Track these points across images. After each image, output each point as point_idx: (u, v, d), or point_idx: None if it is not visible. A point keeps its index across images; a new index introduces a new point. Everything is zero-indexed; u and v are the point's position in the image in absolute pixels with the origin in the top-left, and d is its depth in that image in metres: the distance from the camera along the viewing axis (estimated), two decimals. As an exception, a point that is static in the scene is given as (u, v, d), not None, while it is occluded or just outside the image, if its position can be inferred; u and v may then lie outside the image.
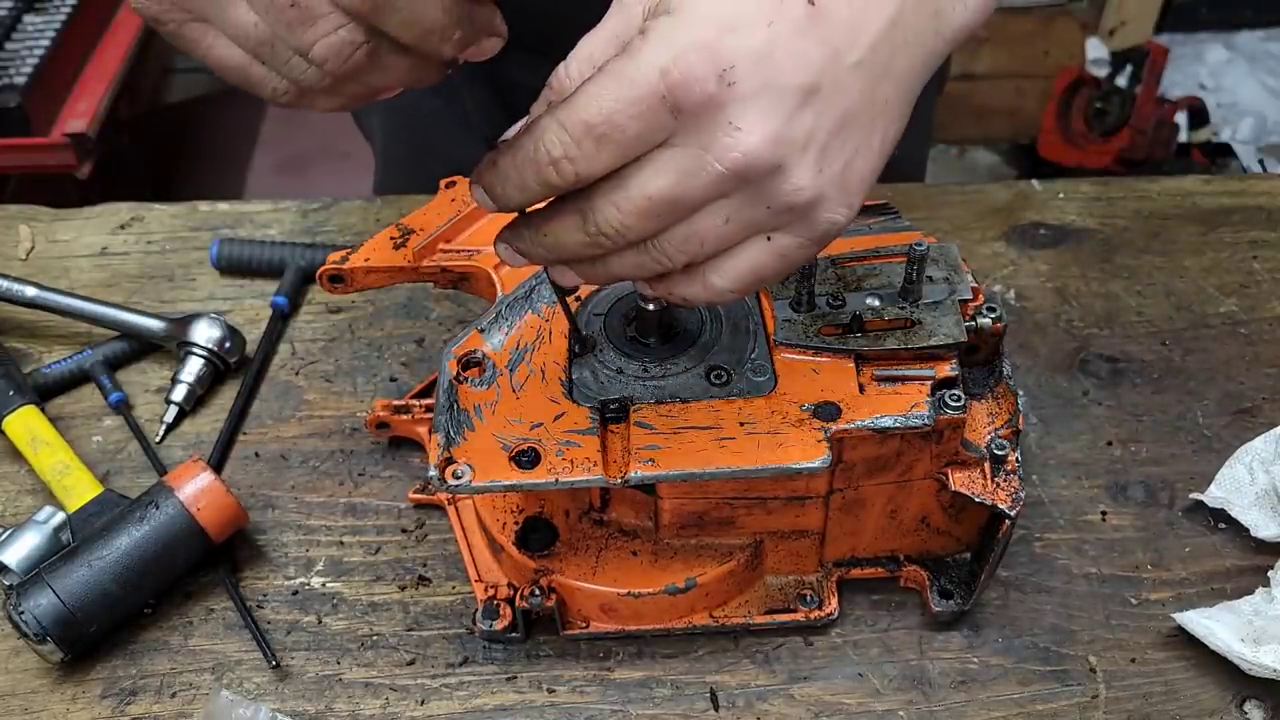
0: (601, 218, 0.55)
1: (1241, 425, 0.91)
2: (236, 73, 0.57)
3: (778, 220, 0.55)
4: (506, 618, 0.77)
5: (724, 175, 0.53)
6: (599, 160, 0.53)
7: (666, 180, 0.53)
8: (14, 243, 1.10)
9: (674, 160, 0.53)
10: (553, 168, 0.54)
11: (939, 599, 0.77)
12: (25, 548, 0.79)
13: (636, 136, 0.52)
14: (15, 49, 1.84)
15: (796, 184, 0.53)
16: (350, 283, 0.80)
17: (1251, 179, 1.19)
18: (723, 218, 0.55)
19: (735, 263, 0.57)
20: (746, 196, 0.54)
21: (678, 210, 0.55)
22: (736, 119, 0.52)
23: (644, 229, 0.55)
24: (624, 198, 0.54)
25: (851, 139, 0.55)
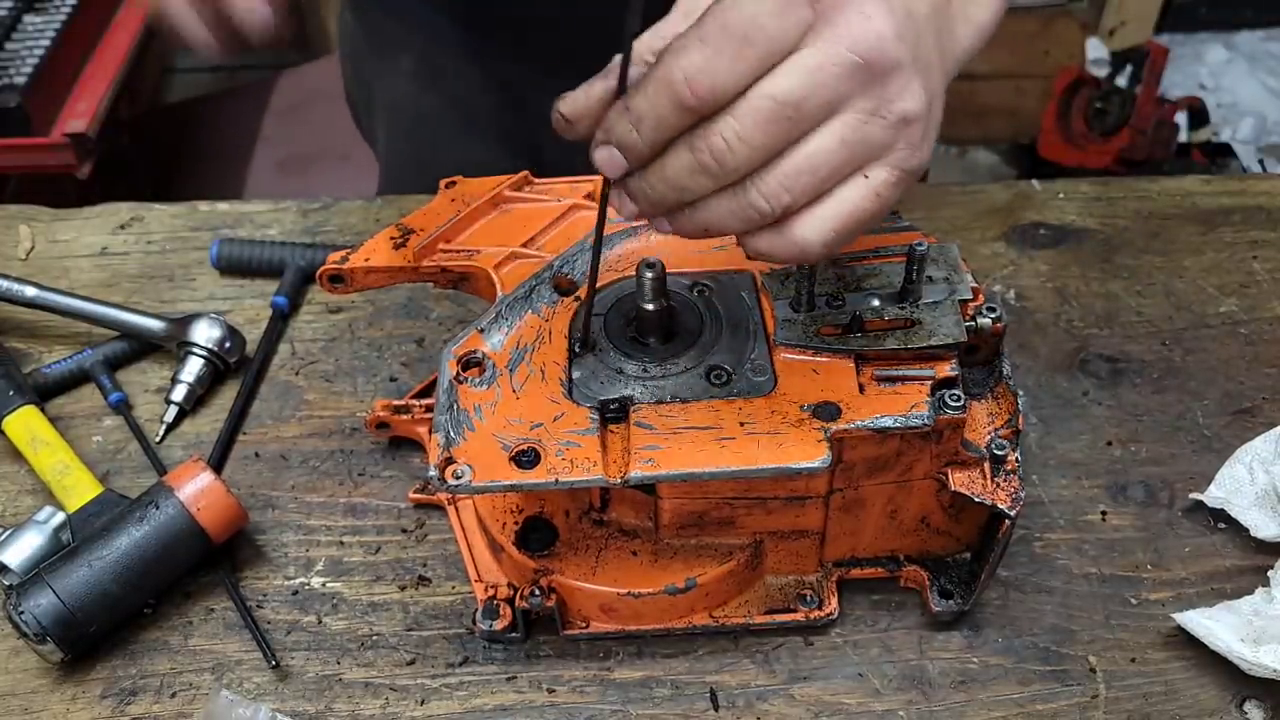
0: (715, 129, 0.55)
1: (1241, 425, 0.91)
2: None
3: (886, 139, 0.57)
4: (506, 618, 0.77)
5: (855, 65, 0.54)
6: (737, 67, 0.54)
7: (795, 80, 0.54)
8: (14, 243, 1.10)
9: (804, 59, 0.55)
10: (688, 86, 0.54)
11: (939, 599, 0.77)
12: (25, 548, 0.79)
13: (776, 36, 0.54)
14: (15, 49, 1.84)
15: (912, 89, 0.56)
16: (350, 283, 0.80)
17: (1251, 179, 1.19)
18: (838, 137, 0.56)
19: (831, 208, 0.58)
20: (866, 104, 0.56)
21: (799, 119, 0.55)
22: (866, 9, 0.54)
23: (759, 142, 0.55)
24: (746, 107, 0.55)
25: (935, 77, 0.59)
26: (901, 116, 0.57)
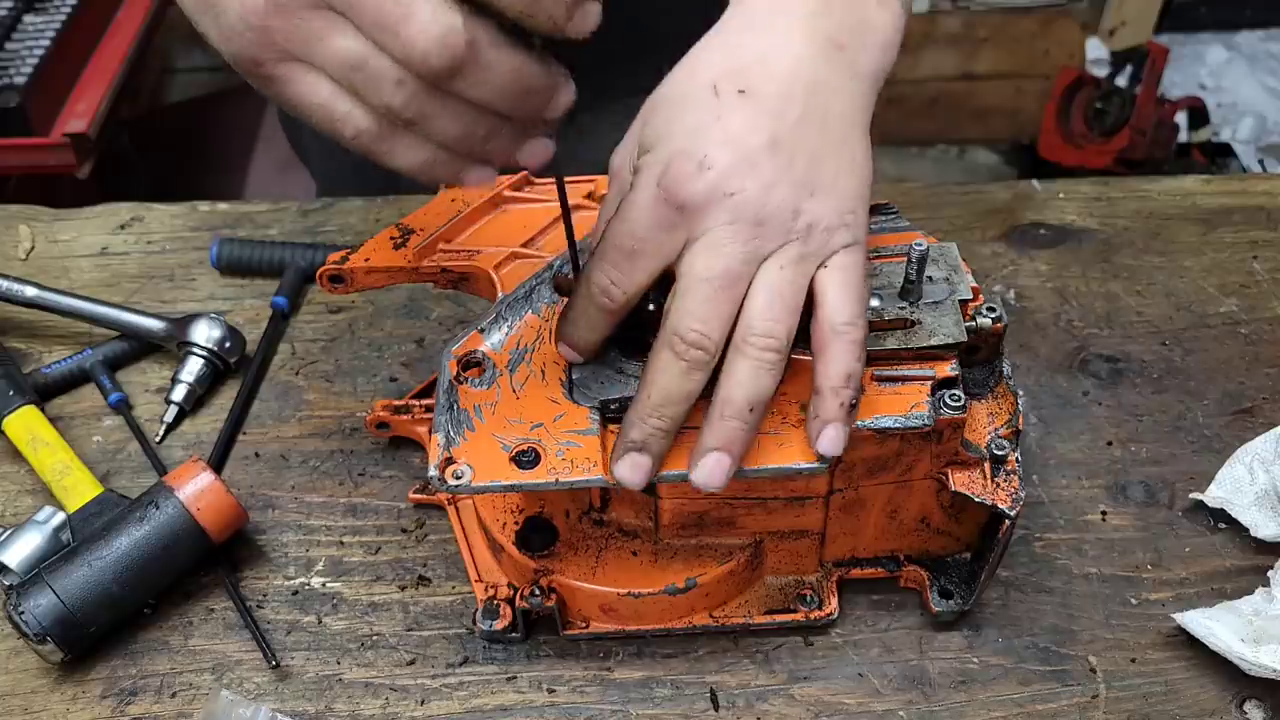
0: (682, 328, 0.62)
1: (1241, 425, 0.91)
2: (321, 110, 0.57)
3: (812, 245, 0.64)
4: (506, 618, 0.77)
5: (745, 229, 0.62)
6: (637, 273, 0.64)
7: (705, 259, 0.62)
8: (14, 243, 1.10)
9: (703, 244, 0.62)
10: (605, 295, 0.64)
11: (939, 599, 0.77)
12: (25, 548, 0.79)
13: (660, 242, 0.62)
14: (15, 49, 1.84)
15: (812, 211, 0.63)
16: (350, 283, 0.80)
17: (1251, 179, 1.19)
18: (776, 267, 0.63)
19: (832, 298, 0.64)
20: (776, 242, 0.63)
21: (733, 282, 0.62)
22: (728, 188, 0.62)
23: (719, 314, 0.62)
24: (686, 297, 0.62)
25: (827, 167, 0.64)
26: (807, 228, 0.63)
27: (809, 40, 0.65)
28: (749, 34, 0.66)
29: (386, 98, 0.55)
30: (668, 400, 0.64)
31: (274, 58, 0.56)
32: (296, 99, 0.57)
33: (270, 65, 0.56)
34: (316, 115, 0.57)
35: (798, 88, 0.64)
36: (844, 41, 0.67)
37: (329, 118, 0.57)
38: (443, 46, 0.52)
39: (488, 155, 0.59)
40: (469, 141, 0.58)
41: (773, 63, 0.64)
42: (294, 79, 0.56)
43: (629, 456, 0.65)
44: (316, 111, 0.57)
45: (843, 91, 0.66)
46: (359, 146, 0.58)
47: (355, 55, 0.54)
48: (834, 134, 0.65)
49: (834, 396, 0.64)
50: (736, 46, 0.66)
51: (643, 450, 0.64)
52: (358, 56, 0.54)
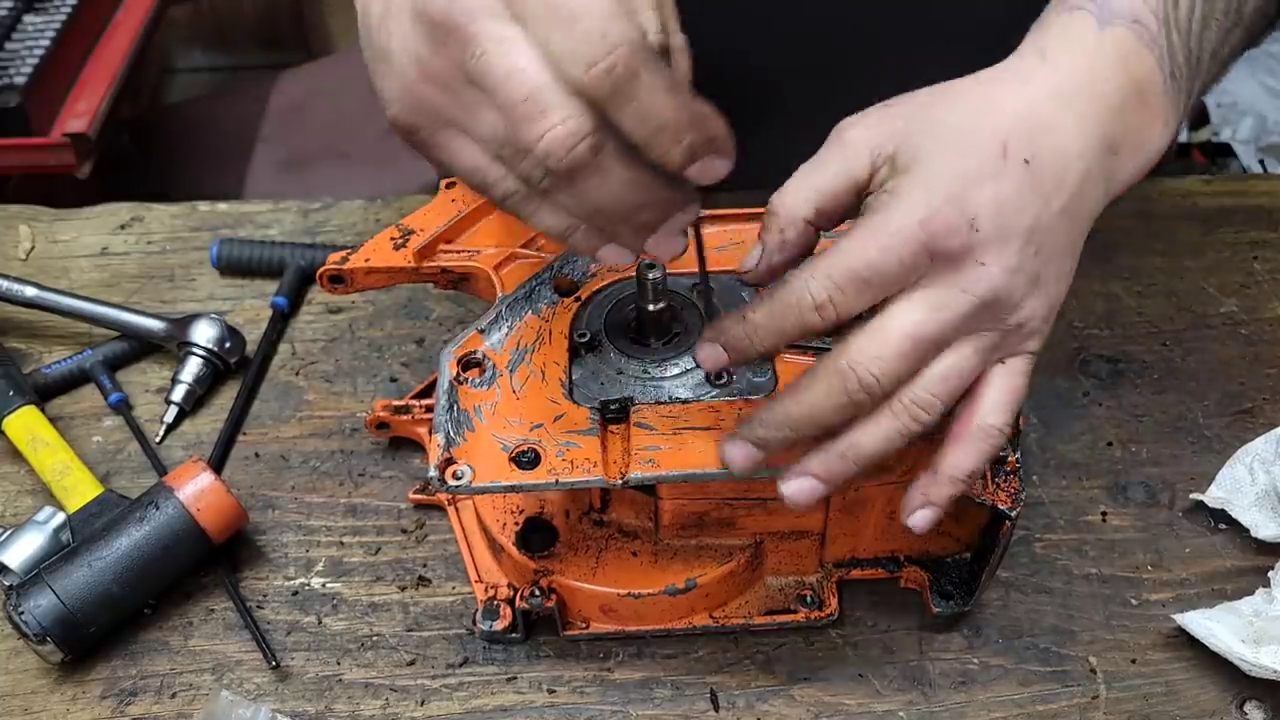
0: (863, 368, 0.60)
1: (1241, 425, 0.91)
2: (477, 174, 0.58)
3: (1009, 342, 0.63)
4: (506, 618, 0.77)
5: (975, 305, 0.60)
6: (858, 302, 0.60)
7: (923, 315, 0.60)
8: (14, 243, 1.10)
9: (928, 297, 0.60)
10: (816, 312, 0.60)
11: (939, 599, 0.77)
12: (25, 548, 0.79)
13: (895, 279, 0.60)
14: (15, 49, 1.84)
15: (1028, 309, 0.62)
16: (350, 283, 0.80)
17: (1251, 179, 1.19)
18: (970, 348, 0.62)
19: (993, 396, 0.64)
20: (987, 324, 0.61)
21: (931, 347, 0.61)
22: (981, 257, 0.59)
23: (903, 370, 0.61)
24: (883, 342, 0.60)
25: (1055, 268, 0.63)
26: (1019, 324, 0.62)
27: (1097, 135, 0.63)
28: (1049, 100, 0.63)
29: (528, 170, 0.55)
30: (810, 421, 0.62)
31: (429, 125, 0.58)
32: (451, 162, 0.59)
33: (425, 132, 0.58)
34: (471, 178, 0.59)
35: (1071, 178, 0.62)
36: (1119, 148, 0.65)
37: (482, 181, 0.58)
38: (566, 149, 0.53)
39: (619, 240, 0.60)
40: (598, 221, 0.58)
41: (1062, 142, 0.62)
42: (446, 145, 0.58)
43: (746, 446, 0.64)
44: (470, 175, 0.58)
45: (1095, 196, 0.65)
46: (509, 207, 0.59)
47: (501, 133, 0.55)
48: (1075, 235, 0.64)
49: (950, 486, 0.64)
50: (1035, 106, 0.62)
51: (761, 447, 0.64)
52: (500, 135, 0.55)
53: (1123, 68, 0.64)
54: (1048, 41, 0.65)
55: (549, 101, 0.52)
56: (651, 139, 0.53)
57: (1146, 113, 0.65)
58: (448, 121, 0.57)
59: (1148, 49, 0.65)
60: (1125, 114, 0.64)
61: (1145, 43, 0.65)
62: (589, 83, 0.51)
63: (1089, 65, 0.64)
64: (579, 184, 0.55)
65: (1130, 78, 0.64)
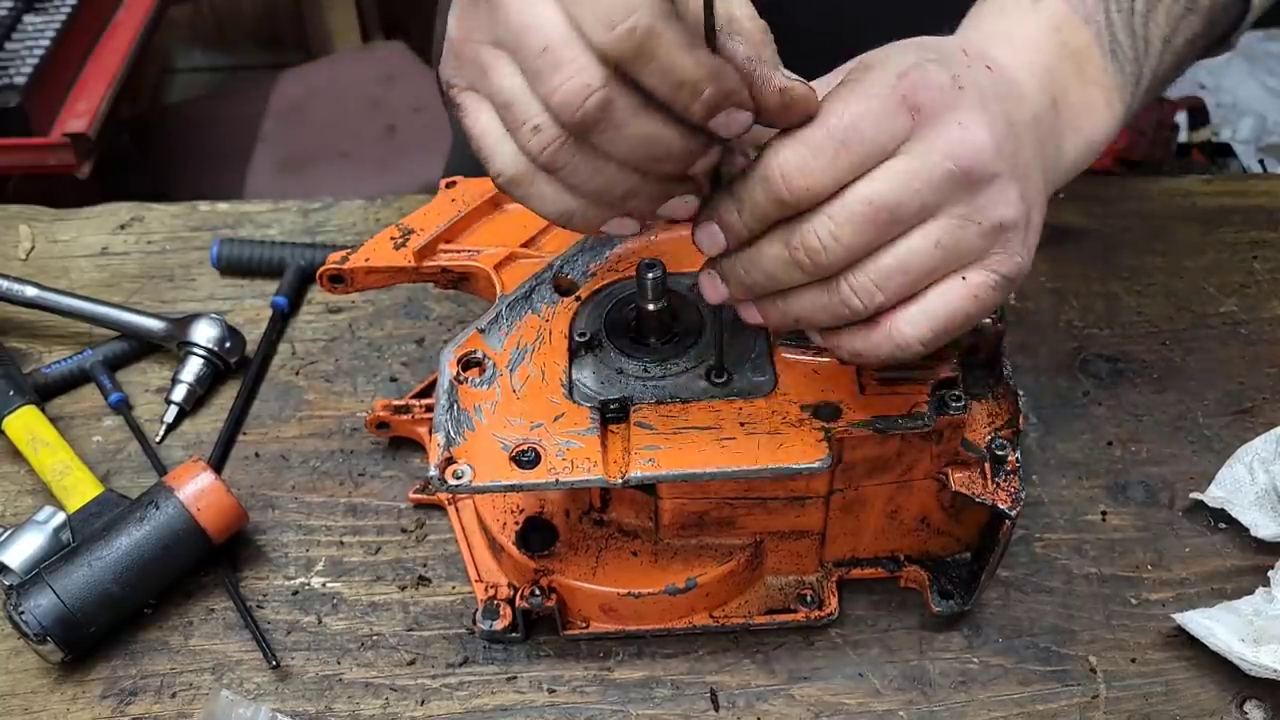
0: (809, 227, 0.57)
1: (1241, 425, 0.91)
2: (478, 141, 0.58)
3: (981, 245, 0.58)
4: (506, 618, 0.77)
5: (950, 174, 0.56)
6: (834, 170, 0.56)
7: (890, 184, 0.56)
8: (14, 243, 1.10)
9: (901, 164, 0.56)
10: (784, 182, 0.56)
11: (939, 599, 0.77)
12: (25, 548, 0.79)
13: (874, 142, 0.56)
14: (15, 49, 1.84)
15: (1007, 198, 0.57)
16: (350, 283, 0.80)
17: (1251, 179, 1.20)
18: (933, 240, 0.57)
19: (927, 305, 0.59)
20: (960, 209, 0.57)
21: (893, 221, 0.57)
22: (965, 120, 0.56)
23: (853, 242, 0.57)
24: (840, 207, 0.57)
25: (1034, 186, 0.60)
26: (997, 224, 0.58)
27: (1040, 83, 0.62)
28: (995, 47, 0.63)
29: (525, 142, 0.55)
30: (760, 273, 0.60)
31: (459, 85, 0.59)
32: (465, 125, 0.59)
33: (456, 91, 0.59)
34: (475, 145, 0.59)
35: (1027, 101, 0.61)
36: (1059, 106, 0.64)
37: (480, 149, 0.58)
38: (580, 100, 0.52)
39: (628, 209, 0.59)
40: (607, 195, 0.57)
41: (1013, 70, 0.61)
42: (468, 107, 0.59)
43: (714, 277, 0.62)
44: (474, 142, 0.59)
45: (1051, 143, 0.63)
46: (500, 186, 0.59)
47: (510, 93, 0.55)
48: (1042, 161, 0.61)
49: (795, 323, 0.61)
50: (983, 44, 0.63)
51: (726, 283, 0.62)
52: (511, 94, 0.55)
53: (1056, 34, 0.64)
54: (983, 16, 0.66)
55: (566, 55, 0.52)
56: (673, 95, 0.53)
57: (1083, 80, 0.65)
58: (472, 82, 0.58)
59: (1083, 21, 0.65)
60: (1062, 75, 0.64)
61: (1081, 15, 0.65)
62: (608, 43, 0.51)
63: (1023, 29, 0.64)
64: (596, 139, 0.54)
65: (1064, 43, 0.64)
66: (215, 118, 2.29)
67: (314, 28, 2.90)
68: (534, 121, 0.55)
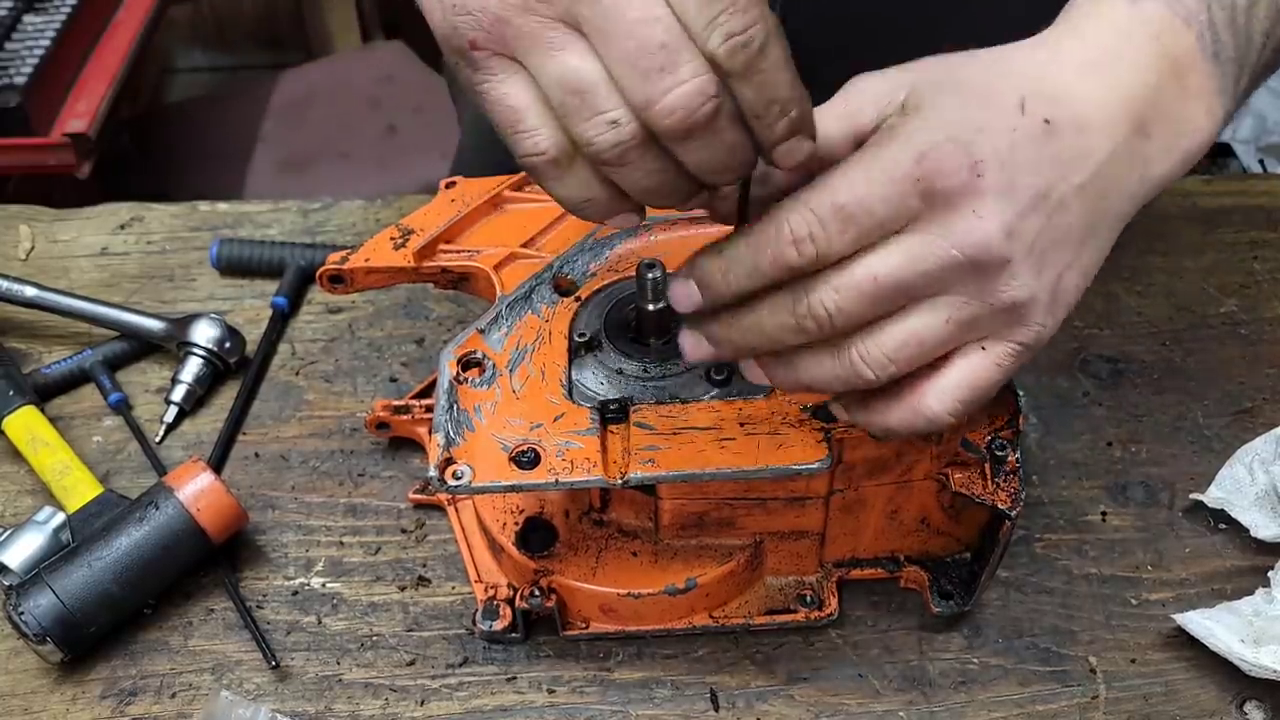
0: (816, 297, 0.56)
1: (1241, 425, 0.91)
2: (511, 114, 0.54)
3: (994, 322, 0.57)
4: (506, 618, 0.77)
5: (957, 261, 0.55)
6: (840, 241, 0.55)
7: (897, 261, 0.55)
8: (14, 243, 1.10)
9: (908, 244, 0.55)
10: (794, 247, 0.55)
11: (939, 599, 0.77)
12: (25, 548, 0.79)
13: (882, 221, 0.55)
14: (15, 49, 1.84)
15: (1020, 280, 0.56)
16: (350, 283, 0.80)
17: (1251, 179, 1.19)
18: (943, 316, 0.56)
19: (954, 378, 0.58)
20: (970, 291, 0.56)
21: (900, 297, 0.56)
22: (979, 209, 0.54)
23: (860, 315, 0.56)
24: (847, 279, 0.55)
25: (1066, 253, 0.57)
26: (1009, 304, 0.56)
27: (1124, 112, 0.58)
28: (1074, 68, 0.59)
29: (595, 134, 0.52)
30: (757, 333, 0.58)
31: (492, 48, 0.53)
32: (493, 95, 0.54)
33: (485, 55, 0.53)
34: (503, 118, 0.54)
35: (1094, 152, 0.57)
36: (1152, 132, 0.59)
37: (514, 125, 0.54)
38: (692, 108, 0.50)
39: (650, 204, 0.57)
40: (650, 194, 0.55)
41: (1087, 113, 0.57)
42: (500, 75, 0.54)
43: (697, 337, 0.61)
44: (505, 114, 0.54)
45: (1123, 182, 0.59)
46: (528, 165, 0.55)
47: (583, 80, 0.51)
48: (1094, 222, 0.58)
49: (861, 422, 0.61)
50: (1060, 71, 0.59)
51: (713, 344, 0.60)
52: (585, 82, 0.51)
53: (1156, 43, 0.60)
54: (1076, 17, 0.62)
55: (683, 56, 0.49)
56: (765, 111, 0.51)
57: (1184, 94, 0.60)
58: (517, 53, 0.53)
59: (1185, 24, 0.60)
60: (1159, 92, 0.59)
61: (1182, 18, 0.60)
62: (723, 53, 0.49)
63: (1118, 38, 0.60)
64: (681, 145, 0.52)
65: (1165, 54, 0.60)
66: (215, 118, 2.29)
67: (314, 28, 2.91)
68: (613, 115, 0.51)
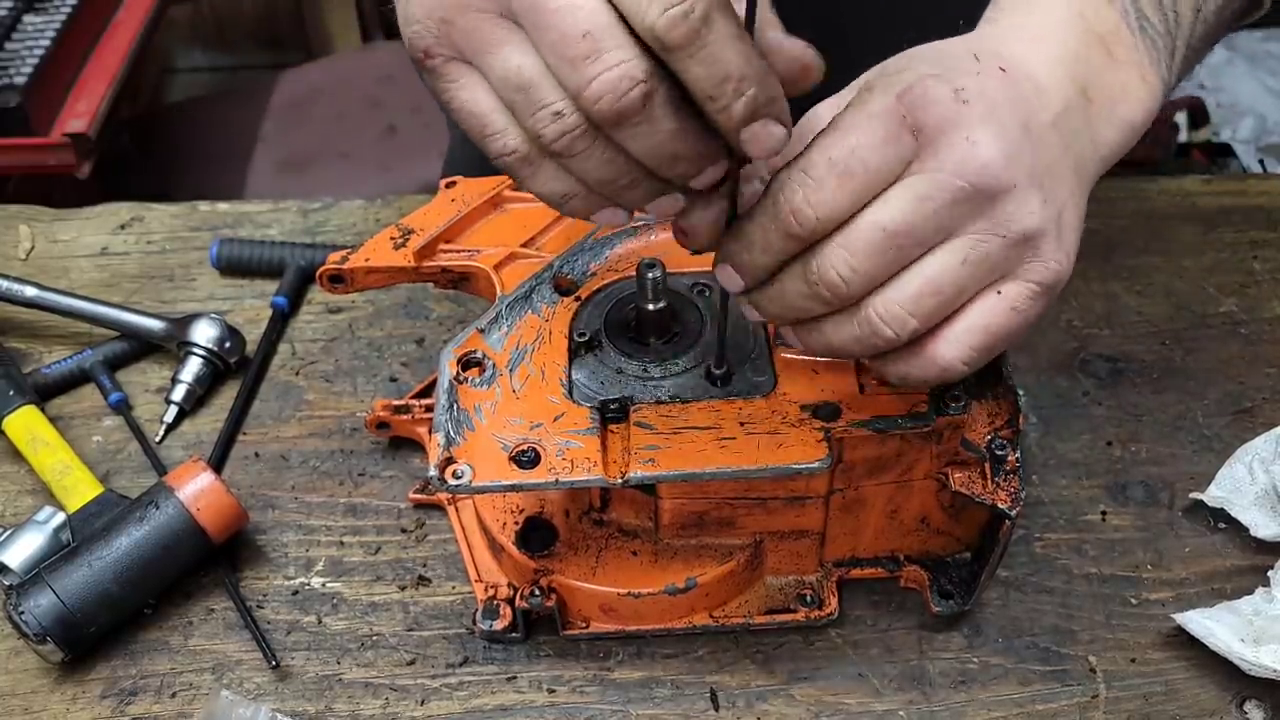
0: (825, 260, 0.56)
1: (1241, 425, 0.91)
2: (477, 120, 0.55)
3: (1011, 257, 0.56)
4: (506, 618, 0.77)
5: (963, 191, 0.54)
6: (840, 199, 0.55)
7: (902, 207, 0.54)
8: (14, 243, 1.10)
9: (912, 186, 0.54)
10: (793, 216, 0.55)
11: (939, 599, 0.77)
12: (25, 548, 0.79)
13: (878, 168, 0.54)
14: (15, 49, 1.84)
15: (1028, 208, 0.55)
16: (350, 283, 0.80)
17: (1251, 179, 1.19)
18: (959, 257, 0.56)
19: (967, 324, 0.58)
20: (981, 226, 0.55)
21: (910, 245, 0.55)
22: (972, 134, 0.54)
23: (872, 271, 0.55)
24: (854, 235, 0.55)
25: (1062, 186, 0.57)
26: (1021, 234, 0.56)
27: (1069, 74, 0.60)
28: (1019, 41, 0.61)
29: (541, 127, 0.52)
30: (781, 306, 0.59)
31: (445, 54, 0.54)
32: (455, 102, 0.55)
33: (440, 62, 0.55)
34: (471, 124, 0.55)
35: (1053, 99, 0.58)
36: (1093, 96, 0.61)
37: (482, 129, 0.55)
38: (618, 93, 0.49)
39: (623, 201, 0.57)
40: (609, 186, 0.55)
41: (1035, 70, 0.59)
42: (459, 81, 0.55)
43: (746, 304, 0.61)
44: (472, 120, 0.55)
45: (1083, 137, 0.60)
46: (503, 165, 0.56)
47: (524, 76, 0.51)
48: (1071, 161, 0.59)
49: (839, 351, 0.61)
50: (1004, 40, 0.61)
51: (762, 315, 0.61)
52: (526, 78, 0.51)
53: (1081, 20, 0.62)
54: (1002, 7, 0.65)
55: (609, 42, 0.49)
56: (716, 90, 0.49)
57: (1114, 64, 0.63)
58: (467, 54, 0.54)
59: (1107, 3, 0.63)
60: (1089, 62, 0.61)
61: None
62: (661, 26, 0.48)
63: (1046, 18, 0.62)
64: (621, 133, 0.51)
65: (1090, 29, 0.62)
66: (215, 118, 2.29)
67: (314, 28, 2.91)
68: (555, 106, 0.51)
